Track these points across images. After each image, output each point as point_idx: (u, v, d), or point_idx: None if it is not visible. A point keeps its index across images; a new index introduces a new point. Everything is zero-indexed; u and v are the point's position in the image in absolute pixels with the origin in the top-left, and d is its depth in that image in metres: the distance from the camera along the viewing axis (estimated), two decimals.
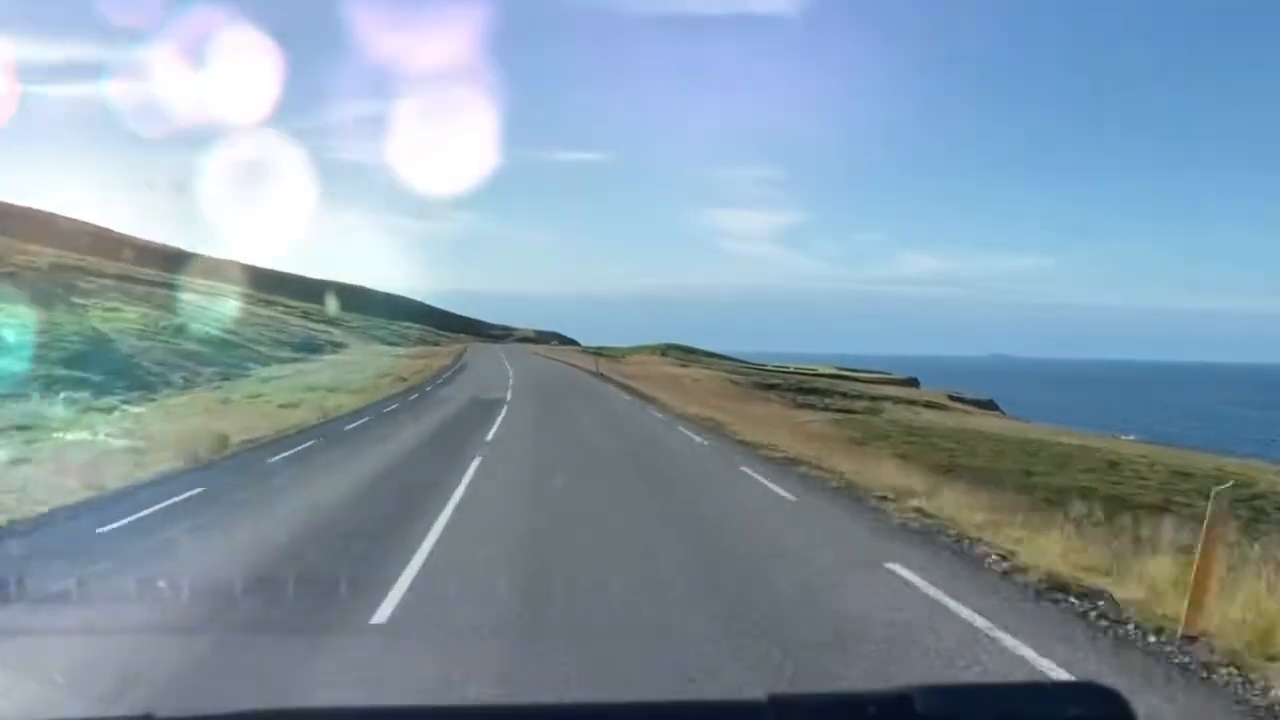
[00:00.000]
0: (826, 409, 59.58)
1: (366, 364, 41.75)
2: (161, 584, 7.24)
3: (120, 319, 41.88)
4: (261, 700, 4.80)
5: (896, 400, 67.75)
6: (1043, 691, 1.88)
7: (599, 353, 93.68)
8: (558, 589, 7.42)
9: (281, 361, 46.17)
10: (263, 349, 48.28)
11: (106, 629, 6.25)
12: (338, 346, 73.72)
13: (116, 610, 6.80)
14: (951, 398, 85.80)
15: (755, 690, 1.64)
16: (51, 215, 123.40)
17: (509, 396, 31.48)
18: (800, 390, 66.29)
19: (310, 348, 62.03)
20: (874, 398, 66.75)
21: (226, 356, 42.07)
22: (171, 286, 77.00)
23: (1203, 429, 74.85)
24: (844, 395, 66.32)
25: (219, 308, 65.56)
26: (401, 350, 77.20)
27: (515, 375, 46.79)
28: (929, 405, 69.70)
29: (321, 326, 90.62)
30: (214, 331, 47.97)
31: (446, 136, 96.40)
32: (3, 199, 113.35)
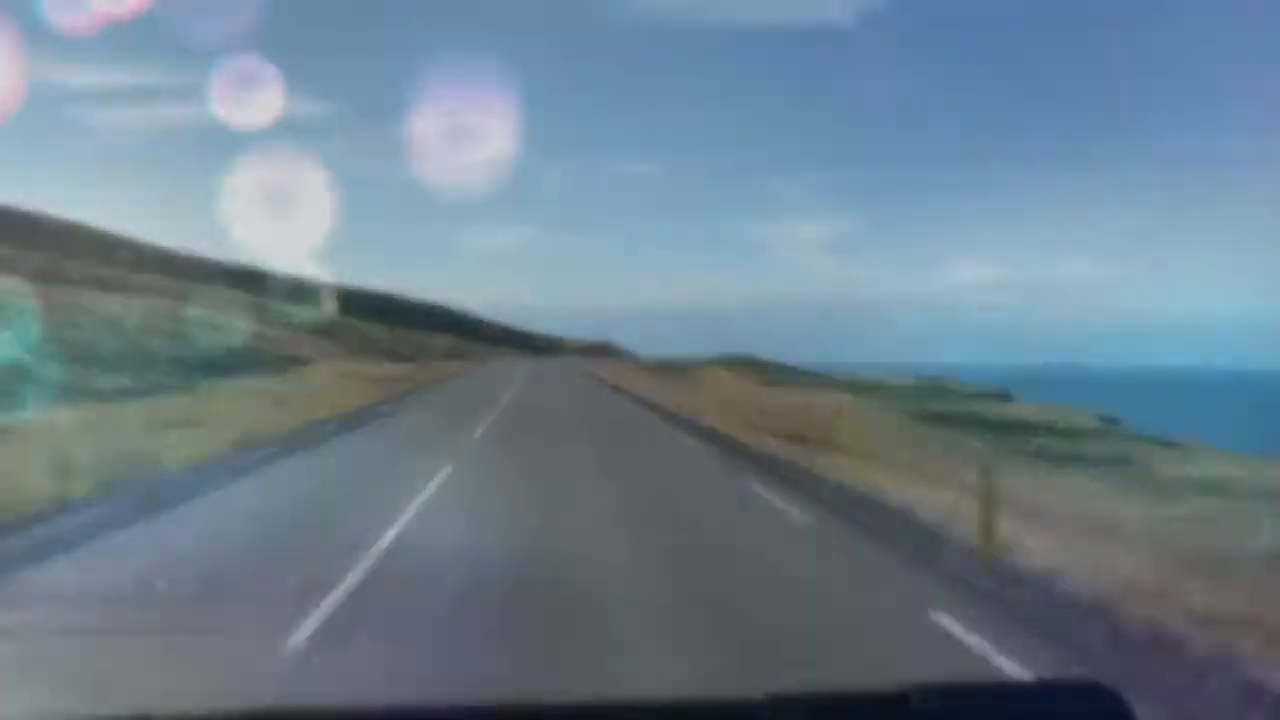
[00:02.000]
0: (1063, 458, 36.67)
1: (204, 410, 19.51)
2: None
3: None
4: None
5: (1132, 438, 44.26)
6: (1041, 690, 1.79)
7: (665, 367, 70.88)
8: None
9: (92, 397, 24.17)
10: (91, 372, 26.54)
11: None
12: (292, 363, 52.04)
13: None
14: (1102, 419, 62.72)
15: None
16: None
17: None
18: (985, 425, 43.05)
19: (225, 366, 40.24)
20: (1105, 435, 43.47)
21: None
22: (72, 282, 55.70)
23: None
24: (1049, 430, 43.14)
25: (100, 308, 44.04)
26: (378, 370, 55.51)
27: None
28: (1164, 445, 46.06)
29: (291, 335, 69.42)
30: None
31: (498, 148, 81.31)
32: None
